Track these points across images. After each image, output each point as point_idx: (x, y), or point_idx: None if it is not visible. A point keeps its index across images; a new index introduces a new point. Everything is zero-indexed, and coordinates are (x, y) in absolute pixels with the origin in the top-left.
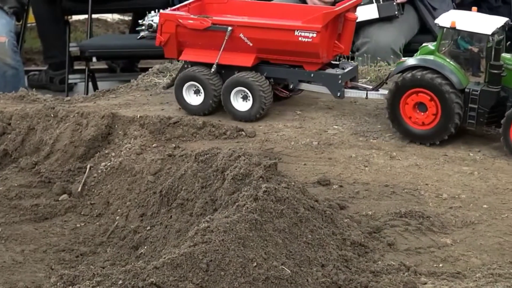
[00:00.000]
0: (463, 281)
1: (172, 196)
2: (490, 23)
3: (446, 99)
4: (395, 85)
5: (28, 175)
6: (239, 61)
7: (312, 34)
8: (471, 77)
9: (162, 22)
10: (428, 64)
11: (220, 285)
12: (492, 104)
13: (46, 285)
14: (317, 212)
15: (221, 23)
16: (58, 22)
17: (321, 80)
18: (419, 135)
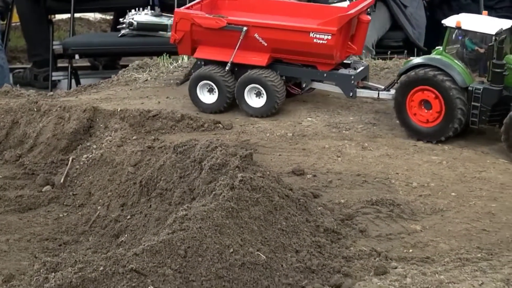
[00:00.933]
0: (432, 265)
1: (151, 186)
2: (494, 24)
3: (449, 95)
4: (401, 84)
5: (12, 167)
6: (254, 60)
7: (327, 36)
8: (477, 77)
9: (177, 20)
10: (434, 63)
11: (198, 271)
12: (494, 102)
13: (30, 272)
14: (291, 200)
15: (236, 23)
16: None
17: (334, 80)
18: (425, 132)
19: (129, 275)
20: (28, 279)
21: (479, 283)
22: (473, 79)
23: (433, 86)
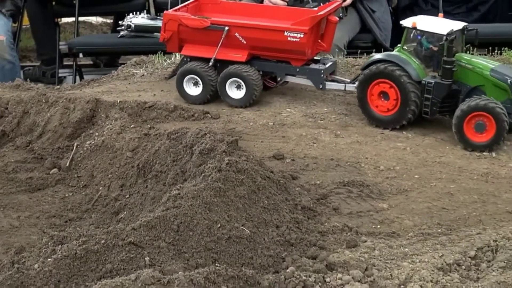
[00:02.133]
0: (397, 239)
1: (147, 169)
2: (447, 26)
3: (404, 88)
4: (362, 77)
5: (23, 152)
6: (234, 56)
7: (300, 34)
8: (431, 72)
9: (165, 21)
10: (391, 58)
11: (189, 244)
12: (444, 95)
13: (39, 245)
14: (272, 181)
15: (219, 23)
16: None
17: (305, 74)
18: (383, 120)
19: (128, 248)
20: (37, 251)
21: (440, 255)
22: (427, 74)
23: (390, 79)
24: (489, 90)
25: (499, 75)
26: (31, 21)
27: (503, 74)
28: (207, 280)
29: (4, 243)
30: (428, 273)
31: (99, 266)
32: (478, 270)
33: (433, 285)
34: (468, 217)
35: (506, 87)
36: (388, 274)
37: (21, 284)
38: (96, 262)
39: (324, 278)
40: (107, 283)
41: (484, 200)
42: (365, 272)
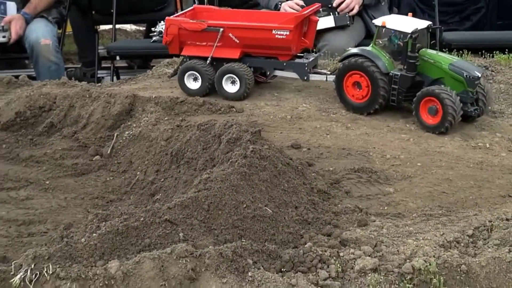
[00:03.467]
0: (402, 219)
1: (180, 156)
2: (412, 24)
3: (374, 79)
4: (339, 68)
5: (69, 141)
6: (229, 54)
7: (286, 32)
8: (399, 65)
9: (167, 26)
10: (364, 53)
11: (218, 221)
12: (408, 85)
13: (84, 222)
14: (291, 167)
15: (214, 25)
16: (89, 30)
17: (291, 68)
18: (357, 107)
19: (164, 224)
20: (84, 227)
21: (441, 233)
22: (395, 67)
23: (362, 71)
24: (448, 82)
25: (456, 69)
26: (73, 28)
27: (460, 69)
28: (235, 254)
29: (53, 220)
30: (430, 249)
31: (138, 240)
32: (475, 247)
33: (435, 260)
34: (466, 200)
35: (462, 80)
36: (395, 249)
37: (70, 256)
38: (136, 237)
39: (338, 252)
40: (146, 255)
41: (479, 185)
42: (375, 248)
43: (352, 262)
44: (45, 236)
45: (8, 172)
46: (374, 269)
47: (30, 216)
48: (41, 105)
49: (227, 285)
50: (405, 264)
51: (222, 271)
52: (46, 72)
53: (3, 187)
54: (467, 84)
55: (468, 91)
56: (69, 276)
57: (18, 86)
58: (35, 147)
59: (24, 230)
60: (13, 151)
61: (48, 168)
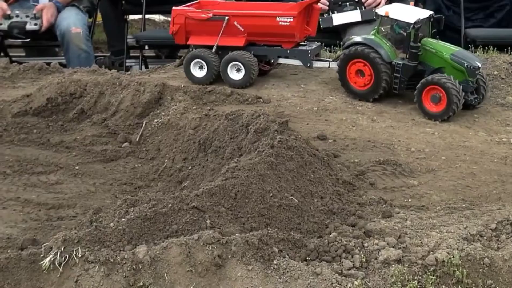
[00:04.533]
0: (426, 212)
1: (207, 145)
2: (414, 14)
3: (377, 68)
4: (343, 56)
5: (99, 127)
6: (234, 42)
7: (290, 19)
8: (401, 54)
9: (174, 16)
10: (367, 42)
11: (245, 209)
12: (410, 74)
13: (113, 207)
14: (317, 158)
15: (219, 14)
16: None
17: (295, 55)
18: (360, 94)
19: (191, 211)
20: (113, 212)
21: (464, 227)
22: (397, 56)
23: (365, 59)
24: (449, 71)
25: (457, 59)
26: (103, 18)
27: (461, 58)
28: (261, 242)
29: (82, 205)
30: (454, 242)
31: (166, 226)
32: (498, 241)
33: (458, 252)
34: (489, 194)
35: (463, 69)
36: (419, 241)
37: (99, 240)
38: (164, 223)
39: (363, 243)
40: (173, 241)
41: (503, 180)
42: (399, 239)
43: (376, 252)
44: (74, 220)
45: (39, 156)
46: (398, 260)
47: (60, 200)
48: (72, 91)
49: (253, 272)
50: (428, 256)
51: (248, 259)
52: (76, 59)
53: (33, 171)
54: (468, 73)
55: (468, 80)
56: (97, 259)
57: (49, 72)
58: (65, 133)
59: (54, 214)
60: (44, 136)
61: (78, 153)
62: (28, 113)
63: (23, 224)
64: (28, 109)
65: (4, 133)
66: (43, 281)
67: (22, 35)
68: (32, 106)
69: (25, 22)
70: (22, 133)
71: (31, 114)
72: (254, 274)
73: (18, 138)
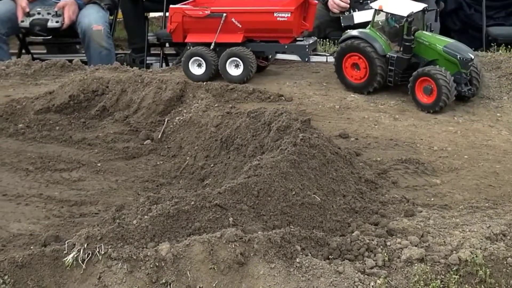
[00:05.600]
0: (449, 211)
1: (229, 142)
2: (408, 7)
3: (372, 61)
4: (339, 50)
5: (121, 125)
6: (232, 39)
7: (287, 14)
8: (396, 47)
9: (171, 14)
10: (362, 35)
11: (267, 207)
12: (404, 67)
13: (135, 204)
14: (340, 156)
15: (217, 11)
16: (140, 17)
17: (293, 50)
18: (355, 86)
19: (214, 209)
20: (135, 209)
21: (487, 226)
22: (392, 49)
23: (360, 53)
24: (442, 64)
25: (450, 51)
26: (124, 15)
27: (454, 51)
28: (283, 240)
29: (104, 202)
30: (477, 241)
31: (189, 224)
32: None
33: (482, 252)
34: None
35: (456, 61)
36: (442, 240)
37: (121, 237)
38: (186, 220)
39: (385, 242)
40: (196, 239)
41: None
42: (421, 238)
43: (399, 251)
44: (96, 217)
45: (61, 153)
46: (421, 259)
47: (82, 197)
48: (94, 89)
49: (275, 271)
50: (451, 255)
51: (270, 257)
52: (97, 57)
53: (56, 168)
54: (461, 65)
55: (461, 72)
56: (120, 256)
57: (71, 70)
58: (87, 130)
59: (76, 211)
60: (66, 133)
61: (100, 150)
62: (51, 110)
63: (46, 220)
64: (50, 106)
65: (27, 130)
66: (66, 278)
67: (43, 33)
68: (54, 103)
69: (47, 20)
70: (44, 130)
71: (54, 111)
72: (277, 272)
73: (40, 135)
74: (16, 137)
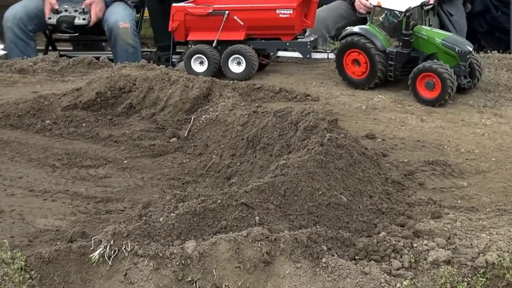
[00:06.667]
0: (476, 213)
1: (256, 141)
2: (406, 2)
3: (372, 57)
4: (339, 46)
5: (147, 122)
6: (234, 36)
7: (289, 11)
8: (395, 42)
9: (173, 12)
10: (362, 32)
11: (294, 207)
12: (403, 61)
13: (162, 202)
14: (366, 157)
15: (219, 8)
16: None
17: (294, 47)
18: (357, 82)
19: (240, 208)
20: (162, 207)
21: None
22: (391, 44)
23: (360, 49)
24: (441, 57)
25: (449, 44)
26: (150, 13)
27: (452, 44)
28: (309, 239)
29: (130, 199)
30: (504, 244)
31: (215, 222)
32: None
33: (509, 255)
34: None
35: (455, 54)
36: (469, 243)
37: (148, 234)
38: (213, 218)
39: (412, 243)
40: (222, 237)
41: None
42: (448, 240)
43: (425, 253)
44: (122, 214)
45: (88, 150)
46: (447, 262)
47: (108, 194)
48: (121, 86)
49: (301, 270)
50: (478, 258)
51: (297, 256)
52: (123, 54)
53: (82, 165)
54: (459, 58)
55: (460, 64)
56: (147, 253)
57: (98, 67)
58: (114, 127)
59: (102, 207)
60: (93, 130)
61: (126, 148)
62: (78, 107)
63: (72, 216)
64: (77, 103)
65: (54, 126)
66: (92, 274)
67: (70, 30)
68: (81, 100)
69: (74, 17)
70: (71, 126)
71: (81, 108)
72: (303, 272)
73: (67, 131)
74: (43, 133)
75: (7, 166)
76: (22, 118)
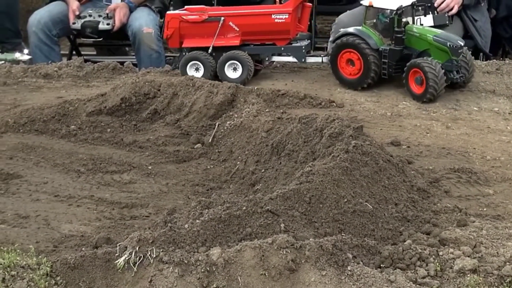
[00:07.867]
0: (502, 222)
1: (280, 148)
2: (397, 2)
3: (365, 55)
4: (334, 47)
5: (172, 128)
6: (229, 42)
7: (285, 15)
8: (388, 41)
9: (168, 20)
10: (355, 32)
11: (319, 214)
12: (397, 58)
13: (186, 208)
14: (392, 164)
15: (215, 15)
16: None
17: (289, 52)
18: (351, 82)
19: (265, 215)
20: (187, 213)
21: None
22: (384, 43)
23: (354, 49)
24: (433, 53)
25: (440, 40)
26: None
27: (444, 39)
28: (335, 247)
29: (154, 205)
30: None
31: (240, 229)
32: None
33: None
34: None
35: (447, 49)
36: (495, 251)
37: (173, 241)
38: (238, 225)
39: (438, 251)
40: (247, 244)
41: None
42: (474, 249)
43: (451, 261)
44: (147, 220)
45: (112, 155)
46: (473, 270)
47: (133, 200)
48: (146, 92)
49: (326, 278)
50: (504, 266)
51: (322, 264)
52: (147, 59)
53: (107, 170)
54: (451, 53)
55: (452, 59)
56: (172, 260)
57: (123, 72)
58: (138, 133)
59: (127, 213)
60: (117, 136)
61: (151, 153)
62: (102, 112)
63: (97, 222)
64: (102, 108)
65: (79, 132)
66: (117, 280)
67: (94, 35)
68: (106, 105)
69: (98, 22)
70: (96, 132)
71: (105, 113)
72: (328, 280)
73: (92, 137)
74: (68, 138)
75: (32, 171)
76: (47, 123)
